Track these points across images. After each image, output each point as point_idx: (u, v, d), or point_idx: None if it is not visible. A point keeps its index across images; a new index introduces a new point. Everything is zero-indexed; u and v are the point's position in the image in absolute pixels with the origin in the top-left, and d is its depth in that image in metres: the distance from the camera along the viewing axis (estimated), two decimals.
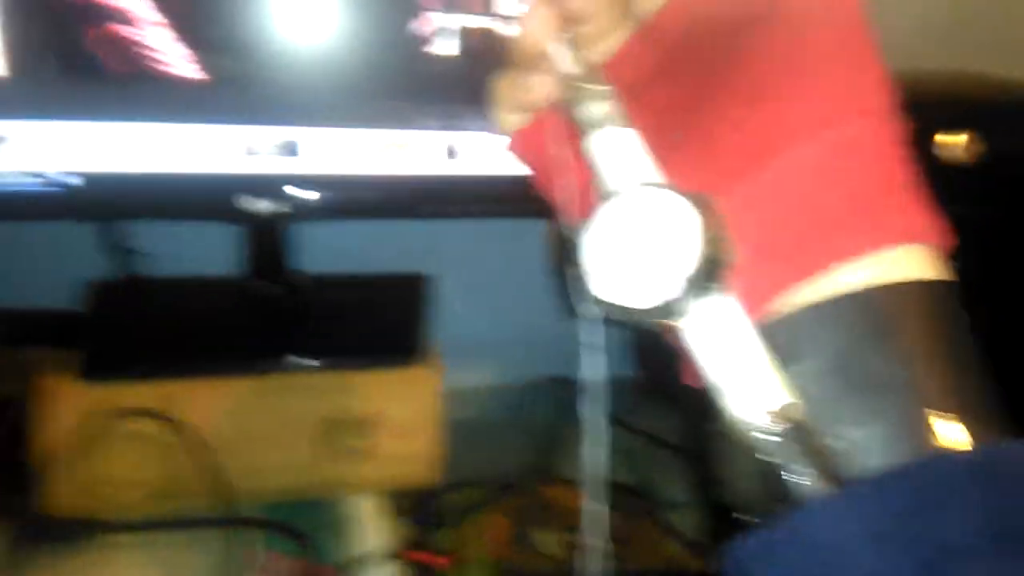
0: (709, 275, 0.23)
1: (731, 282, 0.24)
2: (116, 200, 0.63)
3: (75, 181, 0.60)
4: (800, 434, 0.22)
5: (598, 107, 0.27)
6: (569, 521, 0.69)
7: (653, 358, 0.86)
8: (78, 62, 0.57)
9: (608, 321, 0.25)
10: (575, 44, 0.28)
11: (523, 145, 0.32)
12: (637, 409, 0.86)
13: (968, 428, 0.22)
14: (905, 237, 0.23)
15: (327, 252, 0.78)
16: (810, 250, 0.23)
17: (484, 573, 0.63)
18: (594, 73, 0.28)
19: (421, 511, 0.65)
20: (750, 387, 0.23)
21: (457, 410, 0.72)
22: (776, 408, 0.22)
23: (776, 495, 0.22)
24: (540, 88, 0.29)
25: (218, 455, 0.61)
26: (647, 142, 0.26)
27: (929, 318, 0.23)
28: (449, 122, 0.66)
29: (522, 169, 0.45)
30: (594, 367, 0.27)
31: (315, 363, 0.66)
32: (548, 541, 0.67)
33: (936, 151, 0.63)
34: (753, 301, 0.24)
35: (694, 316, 0.24)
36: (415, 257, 0.81)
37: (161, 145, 0.61)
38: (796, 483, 0.22)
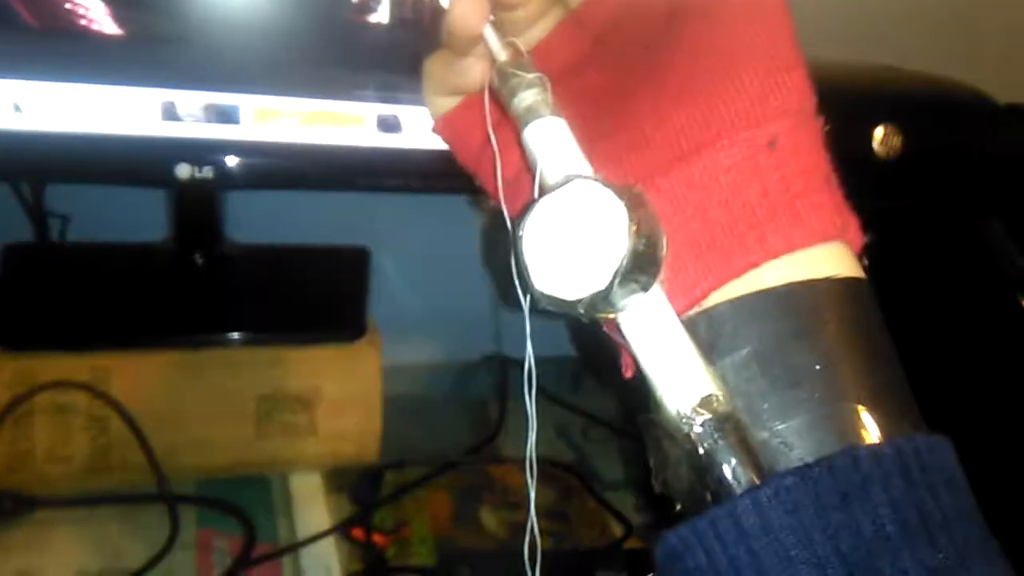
0: (637, 268, 0.23)
1: (663, 275, 0.24)
2: (28, 159, 0.59)
3: None
4: (726, 425, 0.22)
5: (529, 95, 0.26)
6: (511, 499, 0.68)
7: (594, 339, 0.86)
8: None
9: (544, 311, 0.25)
10: (506, 29, 0.28)
11: (451, 129, 0.32)
12: (579, 388, 0.86)
13: (883, 421, 0.23)
14: (823, 236, 0.24)
15: (263, 223, 0.75)
16: (731, 248, 0.24)
17: (426, 550, 0.62)
18: (525, 60, 0.27)
19: (362, 488, 0.64)
20: (679, 379, 0.23)
21: (397, 387, 0.70)
22: (703, 399, 0.23)
23: (704, 485, 0.22)
24: (472, 72, 0.29)
25: (152, 430, 0.58)
26: (577, 131, 0.26)
27: (845, 314, 0.24)
28: (385, 93, 0.64)
29: None
30: (527, 353, 0.27)
31: (250, 337, 0.63)
32: (490, 519, 0.66)
33: (872, 144, 0.64)
34: (679, 296, 0.24)
35: (625, 308, 0.24)
36: (353, 230, 0.79)
37: (82, 104, 0.58)
38: (723, 474, 0.22)
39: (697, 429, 0.22)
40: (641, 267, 0.23)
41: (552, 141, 0.26)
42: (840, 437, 0.22)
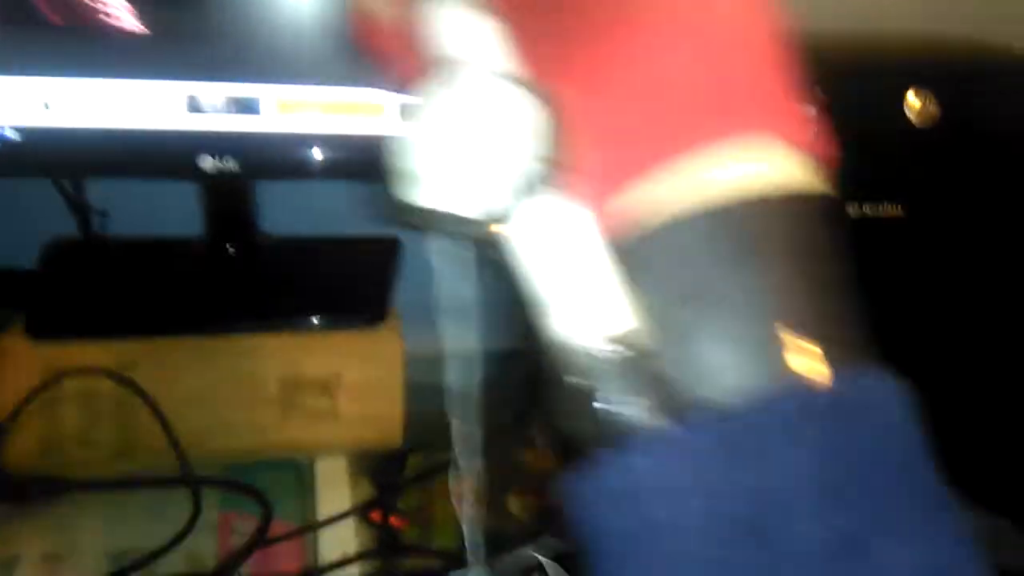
0: (540, 176, 0.20)
1: (572, 182, 0.21)
2: (62, 156, 0.61)
3: (14, 136, 0.58)
4: (638, 362, 0.20)
5: None
6: (537, 482, 0.68)
7: None
8: (19, 14, 0.56)
9: (432, 231, 0.22)
10: None
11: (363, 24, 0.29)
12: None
13: (827, 354, 0.20)
14: (767, 128, 0.21)
15: (297, 212, 0.76)
16: (662, 133, 0.21)
17: (449, 532, 0.62)
18: None
19: (384, 472, 0.64)
20: (586, 306, 0.21)
21: (427, 375, 0.70)
22: (615, 332, 0.20)
23: (603, 428, 0.20)
24: None
25: (178, 415, 0.60)
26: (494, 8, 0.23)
27: (792, 234, 0.21)
28: None
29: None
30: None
31: (271, 323, 0.64)
32: (515, 503, 0.66)
33: (905, 110, 0.62)
34: (598, 194, 0.21)
35: (523, 221, 0.21)
36: (383, 219, 0.80)
37: (114, 101, 0.60)
38: (626, 415, 0.20)
39: (603, 365, 0.20)
40: (544, 174, 0.20)
41: (458, 24, 0.23)
42: (774, 370, 0.20)
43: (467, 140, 0.20)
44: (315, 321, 0.65)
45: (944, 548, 0.19)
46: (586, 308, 0.21)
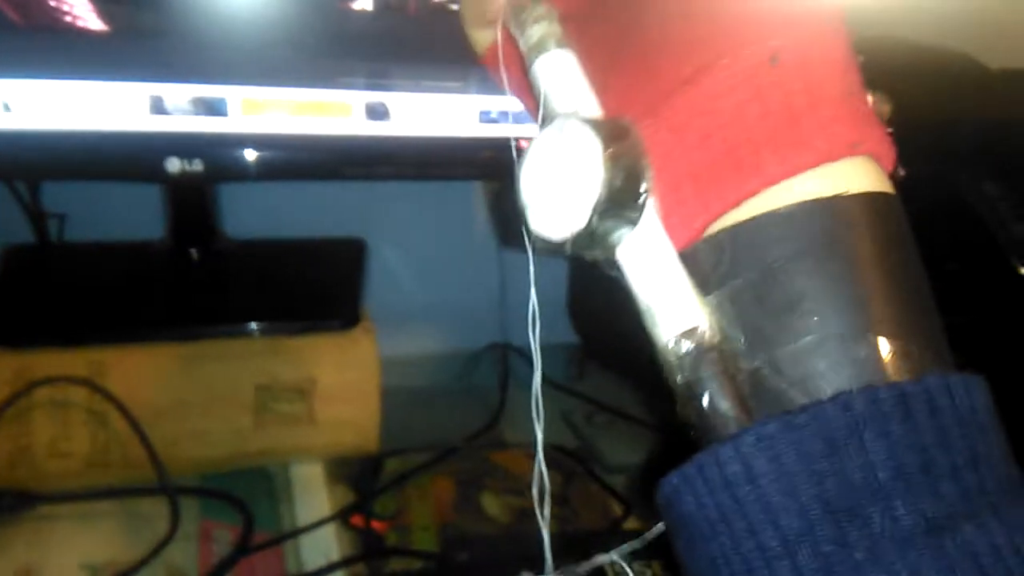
0: (618, 204, 0.22)
1: (658, 208, 0.24)
2: (23, 159, 0.59)
3: None
4: (710, 357, 0.22)
5: (537, 30, 0.26)
6: (513, 484, 0.68)
7: (596, 325, 0.85)
8: None
9: (546, 252, 0.24)
10: None
11: (492, 60, 0.31)
12: (582, 375, 0.86)
13: (899, 355, 0.22)
14: (827, 156, 0.23)
15: (262, 217, 0.76)
16: (727, 177, 0.23)
17: (428, 536, 0.62)
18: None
19: (362, 476, 0.64)
20: (665, 311, 0.23)
21: (399, 378, 0.70)
22: (687, 331, 0.22)
23: (695, 423, 0.22)
24: (496, 3, 0.29)
25: (151, 423, 0.59)
26: (585, 64, 0.26)
27: (856, 233, 0.22)
28: (372, 80, 0.64)
29: (452, 130, 0.42)
30: (531, 298, 0.26)
31: (246, 328, 0.63)
32: (492, 504, 0.66)
33: None
34: (679, 229, 0.23)
35: (617, 244, 0.23)
36: (352, 222, 0.79)
37: (76, 102, 0.58)
38: (706, 409, 0.22)
39: (680, 361, 0.22)
40: (622, 202, 0.23)
41: (555, 77, 0.26)
42: (846, 369, 0.21)
43: (553, 174, 0.23)
44: (288, 325, 0.65)
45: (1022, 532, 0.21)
46: (671, 312, 0.22)
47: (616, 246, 0.23)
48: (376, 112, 0.66)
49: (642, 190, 0.23)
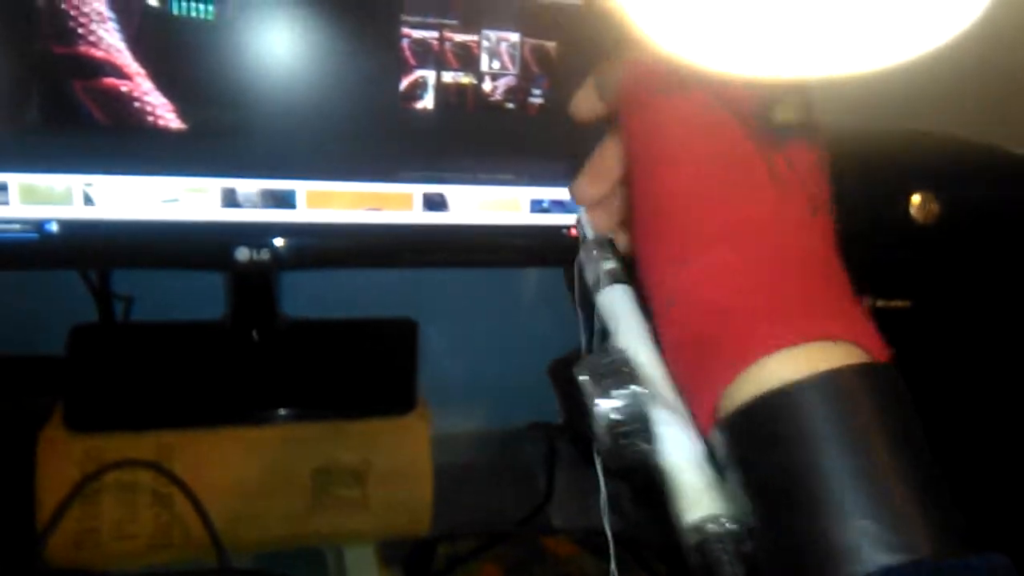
0: (624, 434, 0.27)
1: (680, 398, 0.27)
2: (105, 248, 0.62)
3: (68, 228, 0.60)
4: (727, 543, 0.24)
5: (601, 266, 0.33)
6: (562, 569, 0.69)
7: None
8: (67, 112, 0.58)
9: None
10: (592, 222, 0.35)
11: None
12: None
13: (934, 527, 0.22)
14: (836, 327, 0.25)
15: (315, 299, 0.78)
16: (736, 346, 0.25)
17: None
18: (604, 239, 0.34)
19: (414, 561, 0.65)
20: (689, 502, 0.25)
21: (443, 455, 0.72)
22: (703, 516, 0.25)
23: None
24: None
25: (211, 505, 0.60)
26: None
27: (882, 414, 0.23)
28: (431, 173, 0.67)
29: (504, 219, 0.47)
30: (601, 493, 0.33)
31: (305, 412, 0.65)
32: None
33: (911, 210, 0.65)
34: (699, 407, 0.26)
35: (643, 454, 0.27)
36: (397, 302, 0.81)
37: (146, 193, 0.61)
38: None
39: (697, 544, 0.24)
40: (628, 432, 0.26)
41: (612, 309, 0.31)
42: (870, 547, 0.22)
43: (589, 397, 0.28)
44: (347, 409, 0.66)
45: None
46: (700, 506, 0.25)
47: (642, 456, 0.27)
48: (434, 203, 0.69)
49: (647, 414, 0.27)
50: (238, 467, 0.62)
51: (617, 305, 0.31)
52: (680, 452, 0.26)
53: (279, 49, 0.61)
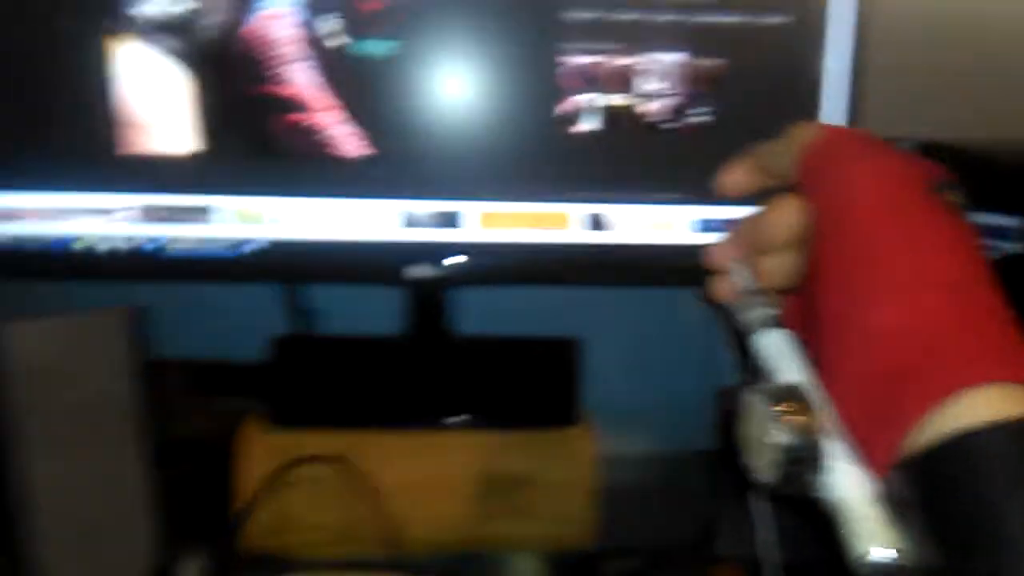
0: (799, 459, 0.27)
1: (849, 448, 0.28)
2: (296, 264, 0.69)
3: (263, 247, 0.66)
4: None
5: (761, 312, 0.35)
6: None
7: None
8: (262, 144, 0.65)
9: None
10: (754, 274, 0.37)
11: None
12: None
13: None
14: (1001, 372, 0.26)
15: (485, 315, 0.81)
16: (904, 400, 0.26)
17: None
18: (765, 293, 0.36)
19: (579, 574, 0.66)
20: (862, 536, 0.26)
21: (610, 475, 0.72)
22: (879, 550, 0.25)
23: None
24: (722, 289, 0.38)
25: (390, 503, 0.65)
26: (795, 333, 0.33)
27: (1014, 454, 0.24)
28: (593, 194, 0.69)
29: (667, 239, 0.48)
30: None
31: (474, 421, 0.69)
32: None
33: None
34: (877, 444, 0.27)
35: (814, 484, 0.28)
36: (570, 321, 0.83)
37: (334, 216, 0.67)
38: None
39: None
40: (802, 458, 0.27)
41: (775, 350, 0.33)
42: None
43: (755, 433, 0.30)
44: (516, 422, 0.69)
45: None
46: (874, 540, 0.26)
47: (813, 486, 0.28)
48: (596, 223, 0.70)
49: (818, 450, 0.28)
50: (412, 469, 0.66)
51: (781, 347, 0.33)
52: (856, 485, 0.27)
53: (450, 81, 0.65)
